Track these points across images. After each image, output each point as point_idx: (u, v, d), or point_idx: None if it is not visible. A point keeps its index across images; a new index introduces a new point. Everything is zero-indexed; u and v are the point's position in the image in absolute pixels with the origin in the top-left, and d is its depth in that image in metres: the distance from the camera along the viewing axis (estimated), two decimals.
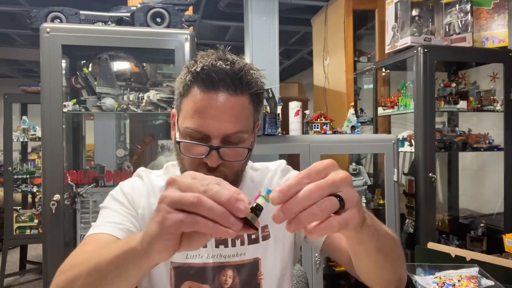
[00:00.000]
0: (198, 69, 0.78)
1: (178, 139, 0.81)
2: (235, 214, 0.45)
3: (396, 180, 2.26)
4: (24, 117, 3.64)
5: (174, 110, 0.90)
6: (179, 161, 0.87)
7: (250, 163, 0.96)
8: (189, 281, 0.87)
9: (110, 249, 0.58)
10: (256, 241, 0.91)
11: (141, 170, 0.98)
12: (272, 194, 0.47)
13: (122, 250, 0.55)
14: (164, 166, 0.99)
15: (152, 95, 1.97)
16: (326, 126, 2.34)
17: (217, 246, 0.89)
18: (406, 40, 2.42)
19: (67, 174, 1.83)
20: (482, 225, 2.53)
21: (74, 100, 1.94)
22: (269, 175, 0.98)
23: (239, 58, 0.81)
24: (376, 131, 2.92)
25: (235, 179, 0.85)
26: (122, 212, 0.86)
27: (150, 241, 0.50)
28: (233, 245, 0.89)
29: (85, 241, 0.79)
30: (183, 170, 0.86)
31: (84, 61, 2.09)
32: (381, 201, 2.48)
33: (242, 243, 0.90)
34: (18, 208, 3.54)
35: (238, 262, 0.89)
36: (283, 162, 1.02)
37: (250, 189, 0.93)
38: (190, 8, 2.39)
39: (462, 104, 2.46)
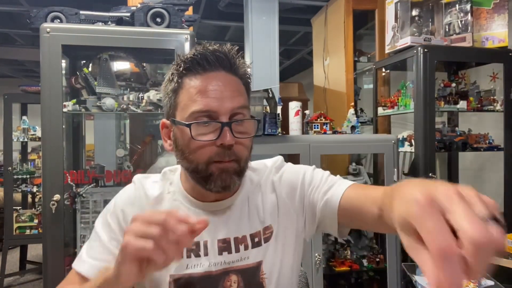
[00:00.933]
0: (190, 56, 0.81)
1: (187, 123, 0.78)
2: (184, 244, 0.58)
3: (396, 180, 2.26)
4: (24, 117, 3.65)
5: (164, 120, 0.87)
6: (185, 161, 0.82)
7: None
8: None
9: (93, 283, 0.71)
10: (259, 244, 0.89)
11: (136, 178, 0.94)
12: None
13: (100, 280, 0.68)
14: (162, 172, 0.95)
15: (152, 95, 1.97)
16: (326, 126, 2.34)
17: (220, 253, 0.86)
18: (406, 40, 2.42)
19: (67, 174, 1.83)
20: None
21: (74, 100, 1.94)
22: (266, 173, 0.96)
23: None
24: (376, 131, 2.92)
25: (245, 166, 0.84)
26: (107, 245, 0.85)
27: (118, 267, 0.62)
28: (237, 250, 0.87)
29: (68, 277, 0.86)
30: (192, 167, 0.81)
31: (84, 61, 2.09)
32: None
33: (246, 248, 0.88)
34: (18, 208, 3.55)
35: (242, 267, 0.87)
36: (279, 159, 1.00)
37: (250, 191, 0.93)
38: (190, 8, 2.39)
39: (462, 104, 2.46)
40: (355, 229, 1.81)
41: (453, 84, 2.55)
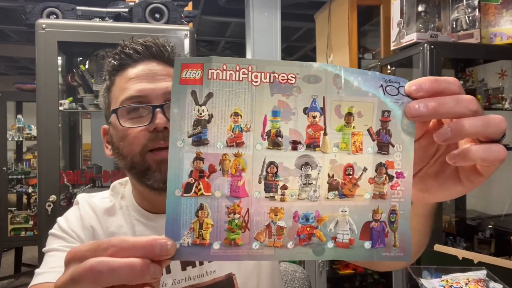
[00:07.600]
0: (118, 50, 0.75)
1: (113, 108, 0.72)
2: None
3: None
4: (19, 116, 3.62)
5: (104, 126, 0.81)
6: (121, 158, 0.74)
7: None
8: None
9: None
10: None
11: (79, 197, 0.87)
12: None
13: None
14: (111, 187, 0.88)
15: None
16: None
17: (183, 268, 0.77)
18: (412, 37, 2.39)
19: (63, 174, 1.84)
20: (490, 226, 2.50)
21: (71, 98, 1.93)
22: None
23: None
24: None
25: None
26: (65, 249, 0.77)
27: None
28: (201, 263, 0.79)
29: None
30: (128, 163, 0.73)
31: (80, 58, 2.09)
32: None
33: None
34: (13, 209, 3.49)
35: (210, 282, 0.78)
36: None
37: None
38: (190, 4, 2.38)
39: None
40: None
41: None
